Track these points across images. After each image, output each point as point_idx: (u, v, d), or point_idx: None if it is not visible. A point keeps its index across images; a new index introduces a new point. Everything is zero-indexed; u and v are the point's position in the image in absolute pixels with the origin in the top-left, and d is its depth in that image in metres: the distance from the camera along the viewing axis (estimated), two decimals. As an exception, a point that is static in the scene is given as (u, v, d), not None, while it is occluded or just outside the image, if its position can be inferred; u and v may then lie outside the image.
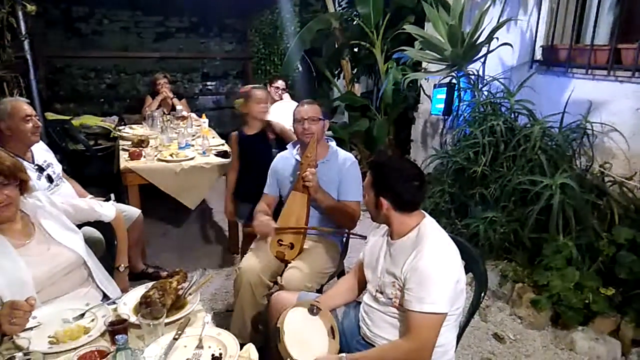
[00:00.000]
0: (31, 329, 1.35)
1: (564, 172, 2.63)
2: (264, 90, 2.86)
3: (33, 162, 2.36)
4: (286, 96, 4.53)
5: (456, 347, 1.60)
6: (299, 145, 2.30)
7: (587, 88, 2.82)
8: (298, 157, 2.25)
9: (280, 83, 4.50)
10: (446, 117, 3.82)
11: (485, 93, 3.30)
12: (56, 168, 2.52)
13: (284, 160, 2.34)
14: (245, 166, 2.83)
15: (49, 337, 1.35)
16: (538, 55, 3.29)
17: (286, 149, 2.40)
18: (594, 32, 2.82)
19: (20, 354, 1.16)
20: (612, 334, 2.38)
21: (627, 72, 2.60)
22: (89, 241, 1.85)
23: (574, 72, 2.94)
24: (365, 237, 1.77)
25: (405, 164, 1.55)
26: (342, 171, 2.20)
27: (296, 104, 4.20)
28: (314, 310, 1.62)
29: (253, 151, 2.78)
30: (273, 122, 2.86)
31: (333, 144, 2.31)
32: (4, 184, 1.53)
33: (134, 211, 2.66)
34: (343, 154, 2.28)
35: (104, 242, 2.02)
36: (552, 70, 3.13)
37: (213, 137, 3.73)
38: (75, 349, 1.29)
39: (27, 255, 1.55)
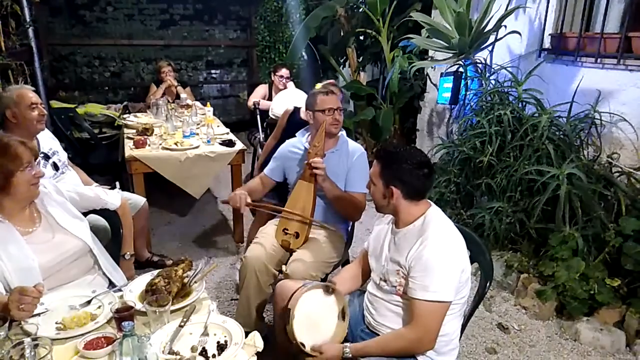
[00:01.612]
0: (39, 315, 1.36)
1: (571, 162, 2.61)
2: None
3: (39, 150, 2.36)
4: (290, 84, 4.46)
5: (460, 336, 1.60)
6: (308, 134, 2.27)
7: (596, 77, 2.78)
8: (307, 146, 2.22)
9: (284, 71, 4.41)
10: (453, 106, 3.78)
11: (493, 82, 3.26)
12: (62, 156, 2.52)
13: (293, 148, 2.31)
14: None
15: (56, 323, 1.37)
16: (547, 43, 3.23)
17: None
18: (604, 20, 2.77)
19: (29, 339, 1.17)
20: (616, 325, 2.38)
21: (638, 61, 2.56)
22: (95, 229, 1.86)
23: (583, 61, 2.89)
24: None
25: (414, 152, 1.54)
26: (351, 162, 2.19)
27: (301, 92, 4.16)
28: (329, 289, 1.59)
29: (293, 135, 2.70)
30: None
31: (343, 133, 2.28)
32: (35, 163, 1.59)
33: (139, 199, 2.67)
34: (352, 144, 2.26)
35: (110, 230, 2.03)
36: (560, 58, 3.08)
37: (218, 126, 3.72)
38: (82, 335, 1.31)
39: (33, 242, 1.56)
